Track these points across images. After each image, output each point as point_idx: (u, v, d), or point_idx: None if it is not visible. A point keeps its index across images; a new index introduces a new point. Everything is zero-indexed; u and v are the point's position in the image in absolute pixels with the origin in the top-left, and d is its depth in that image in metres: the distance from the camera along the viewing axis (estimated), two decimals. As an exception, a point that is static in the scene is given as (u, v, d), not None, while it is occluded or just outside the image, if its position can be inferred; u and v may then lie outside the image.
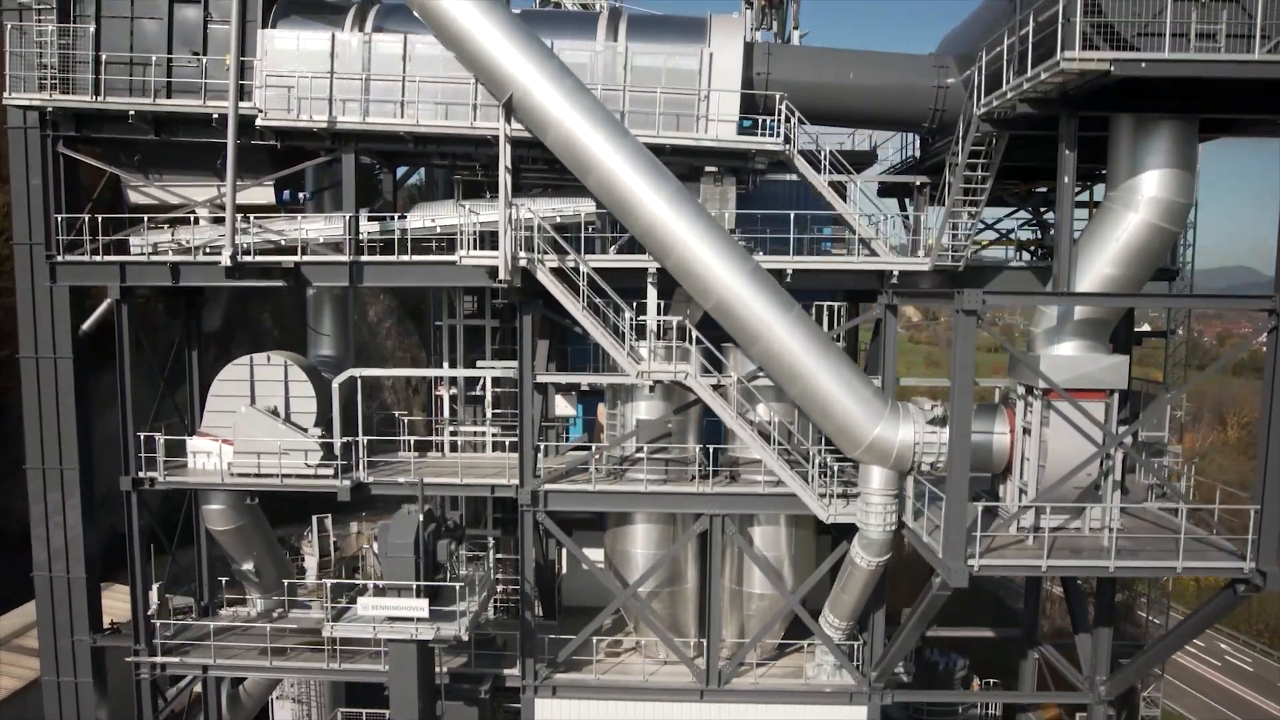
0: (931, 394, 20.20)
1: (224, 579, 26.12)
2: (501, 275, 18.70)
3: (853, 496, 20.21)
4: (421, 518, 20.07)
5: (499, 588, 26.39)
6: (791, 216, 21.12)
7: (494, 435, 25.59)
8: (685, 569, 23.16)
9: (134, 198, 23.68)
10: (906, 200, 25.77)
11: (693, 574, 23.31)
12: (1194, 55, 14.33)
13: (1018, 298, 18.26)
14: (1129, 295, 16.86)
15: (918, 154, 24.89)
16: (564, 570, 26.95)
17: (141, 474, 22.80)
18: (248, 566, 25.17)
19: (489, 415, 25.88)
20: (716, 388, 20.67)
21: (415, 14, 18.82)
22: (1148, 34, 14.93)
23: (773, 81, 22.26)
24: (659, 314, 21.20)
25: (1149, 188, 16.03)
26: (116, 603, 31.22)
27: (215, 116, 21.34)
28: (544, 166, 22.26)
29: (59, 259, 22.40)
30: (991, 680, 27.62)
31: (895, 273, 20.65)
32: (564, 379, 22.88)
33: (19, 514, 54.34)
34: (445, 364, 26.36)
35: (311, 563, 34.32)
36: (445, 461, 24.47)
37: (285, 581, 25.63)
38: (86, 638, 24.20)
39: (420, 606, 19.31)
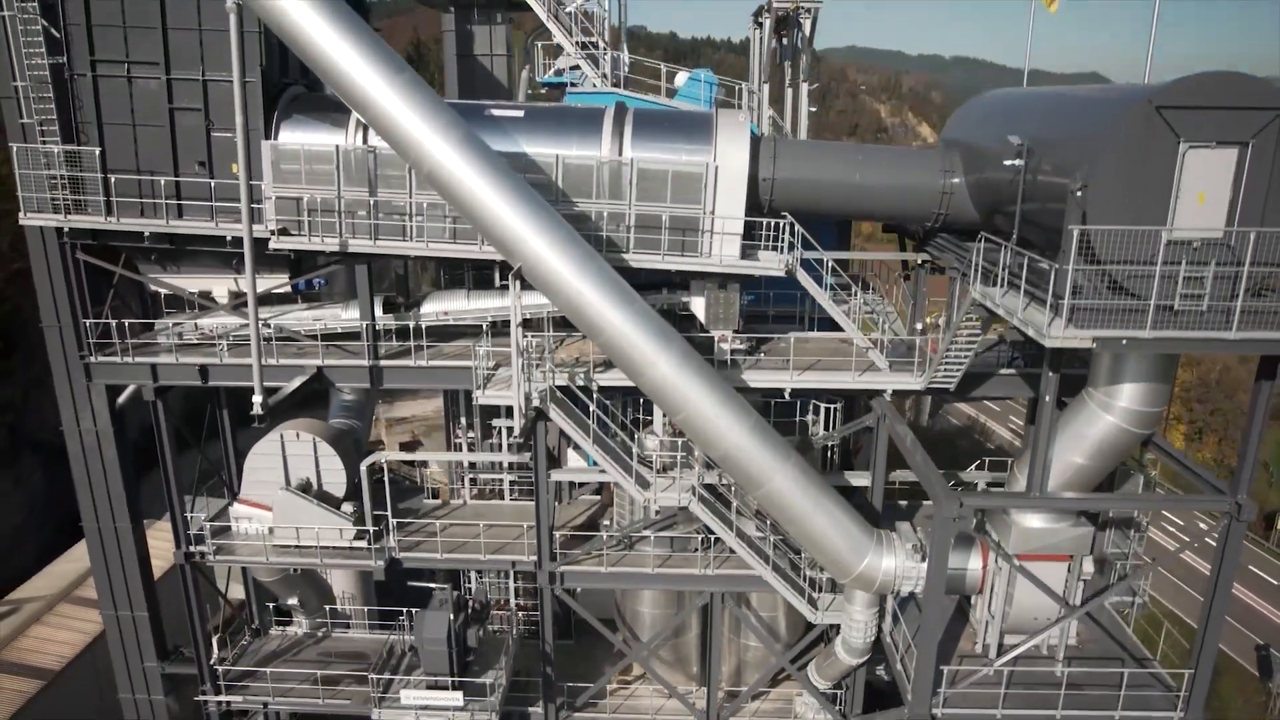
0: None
1: (271, 604, 28.93)
2: (517, 432, 19.96)
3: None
4: (452, 615, 22.42)
5: (520, 612, 29.19)
6: (791, 338, 21.96)
7: (511, 481, 27.60)
8: (689, 622, 25.82)
9: (154, 285, 24.37)
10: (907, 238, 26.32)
11: (695, 624, 25.99)
12: (1173, 334, 14.99)
13: (997, 499, 19.57)
14: (1095, 497, 18.34)
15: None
16: (579, 590, 29.65)
17: (192, 548, 24.97)
18: (292, 601, 27.93)
19: (506, 464, 27.67)
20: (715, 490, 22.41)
21: (424, 179, 18.97)
22: (1137, 275, 15.49)
23: (778, 181, 22.39)
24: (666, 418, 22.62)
25: (1124, 398, 17.01)
26: (161, 542, 33.44)
27: (229, 239, 21.83)
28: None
29: (92, 360, 23.51)
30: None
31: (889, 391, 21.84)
32: (578, 478, 24.49)
33: (51, 424, 57.27)
34: (462, 418, 27.83)
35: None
36: (468, 510, 26.56)
37: (327, 606, 28.50)
38: (155, 664, 27.31)
39: (456, 697, 22.05)
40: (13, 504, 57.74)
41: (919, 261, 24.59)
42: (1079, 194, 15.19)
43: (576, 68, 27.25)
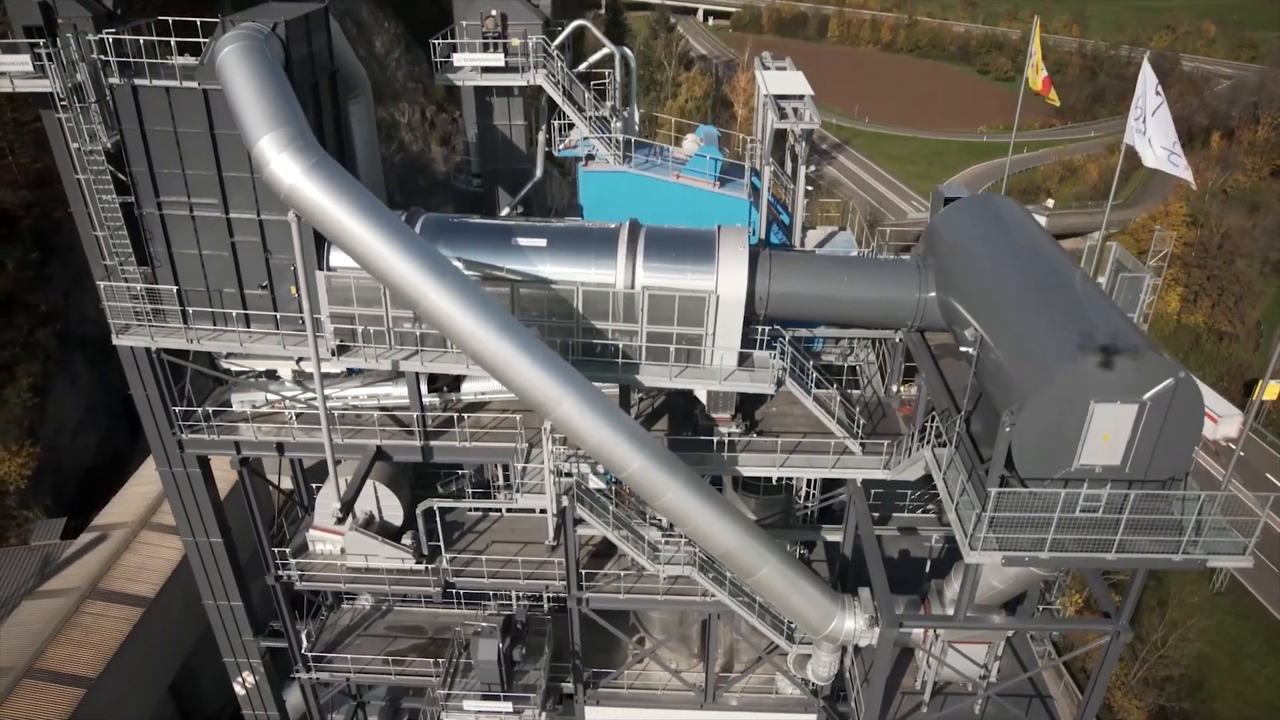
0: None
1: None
2: (550, 539, 24.43)
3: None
4: (499, 644, 27.98)
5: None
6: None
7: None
8: (691, 620, 31.53)
9: (224, 363, 27.98)
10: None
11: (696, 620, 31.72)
12: (1065, 555, 18.94)
13: (930, 620, 24.08)
14: (1008, 623, 22.97)
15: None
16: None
17: (281, 574, 30.20)
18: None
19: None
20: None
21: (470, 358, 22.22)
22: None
23: (773, 296, 25.39)
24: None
25: (1039, 551, 21.31)
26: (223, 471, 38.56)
27: (296, 359, 25.32)
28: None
29: (183, 437, 27.62)
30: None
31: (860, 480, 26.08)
32: (598, 532, 29.04)
33: (93, 318, 62.05)
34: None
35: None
36: (505, 525, 31.58)
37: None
38: (252, 639, 33.45)
39: (506, 706, 28.04)
40: (71, 402, 62.91)
41: (898, 338, 27.90)
42: (1009, 429, 18.76)
43: (587, 138, 29.19)
